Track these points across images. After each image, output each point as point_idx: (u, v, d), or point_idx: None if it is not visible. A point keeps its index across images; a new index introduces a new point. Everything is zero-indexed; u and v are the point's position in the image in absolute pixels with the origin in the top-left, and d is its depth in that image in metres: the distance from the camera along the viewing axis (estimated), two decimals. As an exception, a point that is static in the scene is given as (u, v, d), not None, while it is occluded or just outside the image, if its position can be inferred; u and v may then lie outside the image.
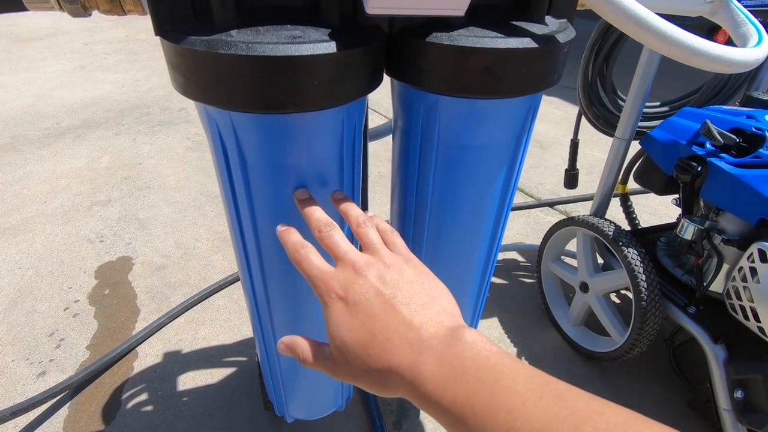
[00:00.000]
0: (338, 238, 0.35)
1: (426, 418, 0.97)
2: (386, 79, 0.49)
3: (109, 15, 0.37)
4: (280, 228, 0.38)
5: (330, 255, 0.35)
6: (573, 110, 2.53)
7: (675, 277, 0.96)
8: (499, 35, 0.40)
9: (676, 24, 0.37)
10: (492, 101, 0.45)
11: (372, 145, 0.71)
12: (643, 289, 0.91)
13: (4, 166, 1.81)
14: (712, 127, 0.80)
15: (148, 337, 1.12)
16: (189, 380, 1.03)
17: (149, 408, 0.97)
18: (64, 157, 1.89)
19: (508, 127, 0.49)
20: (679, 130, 0.90)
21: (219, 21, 0.36)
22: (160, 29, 0.36)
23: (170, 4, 0.35)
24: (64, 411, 0.96)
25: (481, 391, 0.25)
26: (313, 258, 0.34)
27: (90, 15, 0.37)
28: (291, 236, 0.36)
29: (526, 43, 0.40)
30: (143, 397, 0.99)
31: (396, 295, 0.31)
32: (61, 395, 0.98)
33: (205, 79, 0.36)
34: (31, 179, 1.74)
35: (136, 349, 1.10)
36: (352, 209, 0.39)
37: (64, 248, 1.41)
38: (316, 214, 0.38)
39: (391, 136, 0.61)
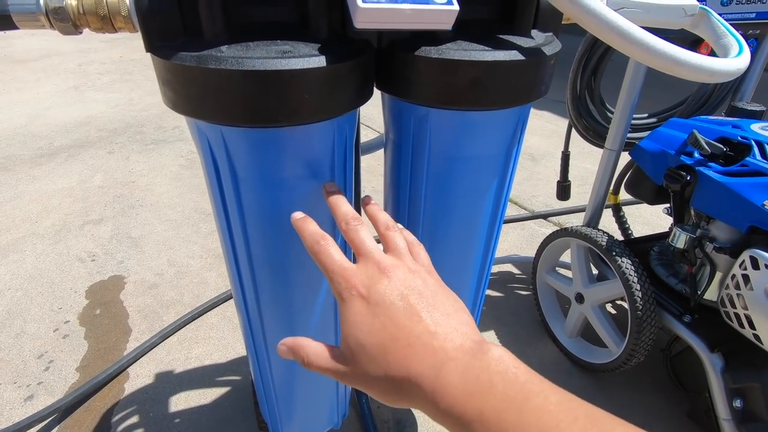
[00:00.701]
0: (365, 234, 0.33)
1: (424, 435, 0.95)
2: (378, 94, 0.50)
3: (100, 32, 0.37)
4: (297, 216, 0.36)
5: (353, 250, 0.33)
6: (563, 123, 2.57)
7: (669, 286, 0.96)
8: (486, 48, 0.41)
9: (659, 36, 0.38)
10: (481, 113, 0.46)
11: (366, 160, 0.71)
12: (638, 299, 0.91)
13: (-5, 187, 1.79)
14: (700, 136, 0.81)
15: (140, 358, 1.10)
16: (181, 401, 1.01)
17: (140, 431, 0.94)
18: (57, 177, 1.88)
19: (498, 138, 0.49)
20: (667, 140, 0.91)
21: (209, 37, 0.36)
22: (151, 46, 0.37)
23: (160, 20, 0.36)
24: (52, 436, 0.93)
25: (509, 410, 0.23)
26: (333, 251, 0.32)
27: (81, 33, 0.37)
28: (309, 226, 0.34)
29: (513, 55, 0.41)
30: (134, 419, 0.97)
31: (420, 301, 0.29)
32: (49, 419, 0.96)
33: (196, 94, 0.36)
34: (23, 199, 1.72)
35: (128, 370, 1.08)
36: (381, 213, 0.38)
37: (54, 268, 1.39)
38: (344, 207, 0.37)
39: (383, 149, 0.61)
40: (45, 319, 1.21)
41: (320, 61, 0.36)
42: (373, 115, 2.54)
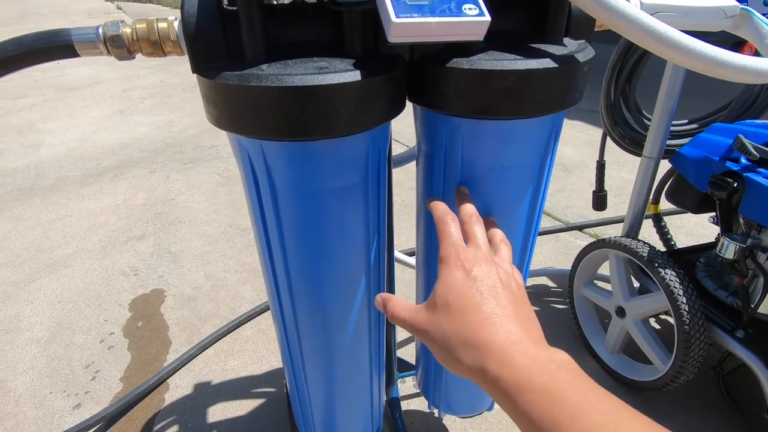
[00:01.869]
0: (480, 230, 0.38)
1: (459, 453, 0.93)
2: (408, 109, 0.50)
3: (152, 57, 0.40)
4: (432, 199, 0.42)
5: (467, 239, 0.38)
6: (596, 133, 2.51)
7: (718, 299, 0.91)
8: (519, 57, 0.41)
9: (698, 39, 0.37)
10: (514, 122, 0.45)
11: (395, 174, 0.72)
12: (685, 313, 0.86)
13: (48, 206, 1.91)
14: (746, 141, 0.78)
15: (179, 369, 1.14)
16: (218, 412, 1.03)
17: (179, 441, 0.97)
18: (103, 195, 1.99)
19: (532, 147, 0.49)
20: (710, 146, 0.88)
21: (250, 57, 0.38)
22: (197, 67, 0.39)
23: (205, 43, 0.38)
24: (97, 443, 0.97)
25: (573, 390, 0.25)
26: (454, 227, 0.37)
27: (134, 58, 0.40)
28: (441, 205, 0.40)
29: (546, 63, 0.41)
30: (174, 429, 0.99)
31: (509, 296, 0.33)
32: (95, 428, 1.00)
33: (238, 111, 0.38)
34: (73, 217, 1.83)
35: (168, 380, 1.11)
36: (470, 205, 0.43)
37: (101, 282, 1.46)
38: (469, 207, 0.42)
39: (414, 163, 0.62)
40: (92, 330, 1.27)
41: (355, 76, 0.37)
42: (401, 129, 2.56)
